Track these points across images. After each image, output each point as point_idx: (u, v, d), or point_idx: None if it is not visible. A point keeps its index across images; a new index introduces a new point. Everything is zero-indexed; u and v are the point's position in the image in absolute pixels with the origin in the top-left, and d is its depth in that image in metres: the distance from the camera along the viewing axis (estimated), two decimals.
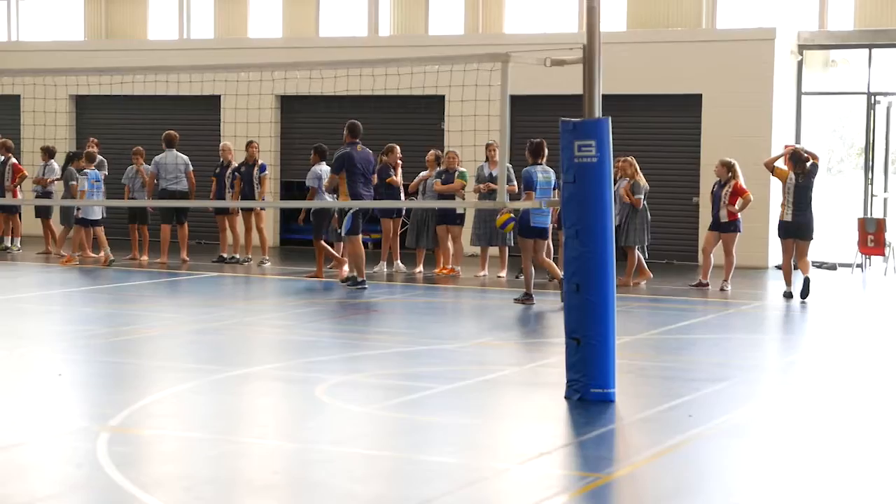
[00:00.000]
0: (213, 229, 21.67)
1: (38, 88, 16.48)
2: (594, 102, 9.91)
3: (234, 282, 18.19)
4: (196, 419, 9.37)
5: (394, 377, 11.03)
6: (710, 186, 18.17)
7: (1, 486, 7.33)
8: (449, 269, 19.02)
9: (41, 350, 12.21)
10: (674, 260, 20.89)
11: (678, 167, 21.18)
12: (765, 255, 20.95)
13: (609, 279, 9.84)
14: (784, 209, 16.86)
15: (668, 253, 20.83)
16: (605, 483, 7.62)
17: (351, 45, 23.24)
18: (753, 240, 20.30)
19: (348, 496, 7.31)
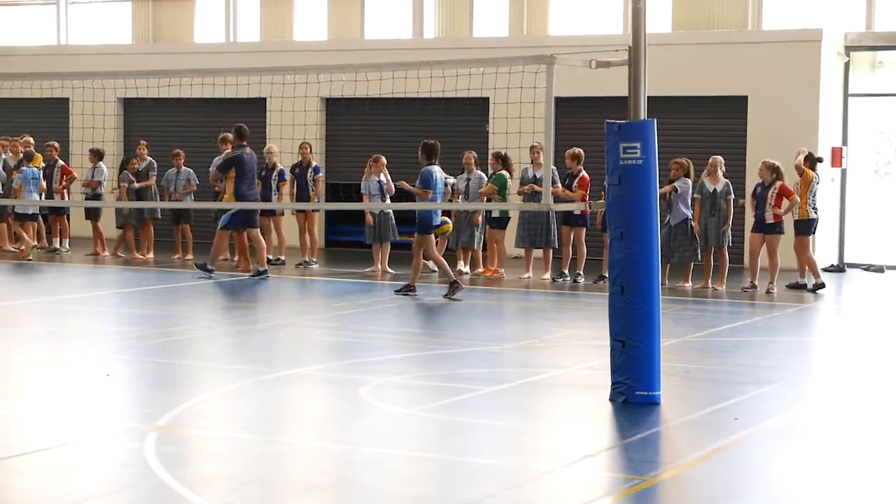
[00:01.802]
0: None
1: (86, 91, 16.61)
2: (639, 104, 9.89)
3: (279, 283, 18.26)
4: (242, 420, 9.43)
5: (438, 379, 11.04)
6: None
7: (50, 485, 7.40)
8: (493, 271, 19.03)
9: (89, 350, 12.31)
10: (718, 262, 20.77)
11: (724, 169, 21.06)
12: None
13: (654, 281, 9.81)
14: (809, 208, 17.72)
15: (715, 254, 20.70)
16: (651, 486, 7.60)
17: (395, 47, 23.28)
18: None
19: (392, 497, 7.33)
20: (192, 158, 21.75)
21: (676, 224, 17.56)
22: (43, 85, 18.03)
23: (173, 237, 21.38)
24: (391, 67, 14.82)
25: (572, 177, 18.51)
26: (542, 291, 17.72)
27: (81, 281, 18.89)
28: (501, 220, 19.00)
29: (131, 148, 24.50)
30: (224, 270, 19.42)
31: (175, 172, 21.06)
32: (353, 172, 22.93)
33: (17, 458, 7.97)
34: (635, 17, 9.95)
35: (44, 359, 11.78)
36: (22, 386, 10.54)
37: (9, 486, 7.40)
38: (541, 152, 18.22)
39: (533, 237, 18.82)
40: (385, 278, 18.84)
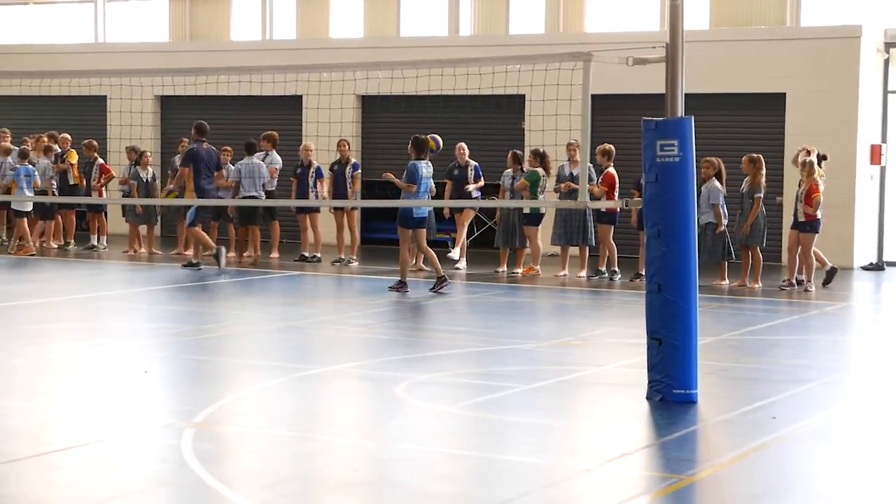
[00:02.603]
0: (295, 228, 21.85)
1: (123, 89, 16.70)
2: (677, 101, 9.85)
3: (316, 280, 18.30)
4: (278, 417, 9.45)
5: (474, 376, 11.04)
6: (794, 186, 18.05)
7: (88, 481, 7.44)
8: (528, 269, 19.01)
9: (127, 347, 12.37)
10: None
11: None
12: (850, 256, 20.69)
13: (691, 279, 9.77)
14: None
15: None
16: (688, 485, 7.56)
17: (431, 44, 23.28)
18: (839, 240, 20.05)
19: (428, 495, 7.32)
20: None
21: (706, 223, 17.43)
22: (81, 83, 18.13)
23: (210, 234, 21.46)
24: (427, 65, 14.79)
25: (599, 172, 18.46)
26: (578, 289, 17.68)
27: (119, 277, 18.99)
28: (534, 216, 18.97)
29: (169, 146, 24.63)
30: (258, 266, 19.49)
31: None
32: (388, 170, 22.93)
33: (56, 453, 8.02)
34: (673, 14, 9.91)
35: (82, 355, 11.85)
36: (60, 382, 10.61)
37: (47, 481, 7.45)
38: (577, 150, 18.20)
39: (569, 235, 18.78)
40: (420, 276, 18.84)
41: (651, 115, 10.15)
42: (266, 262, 20.28)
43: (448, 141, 20.36)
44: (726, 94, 21.40)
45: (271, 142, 20.89)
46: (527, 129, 21.47)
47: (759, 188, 17.64)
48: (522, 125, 22.01)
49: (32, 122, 25.36)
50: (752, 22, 22.55)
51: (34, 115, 26.15)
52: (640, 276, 17.78)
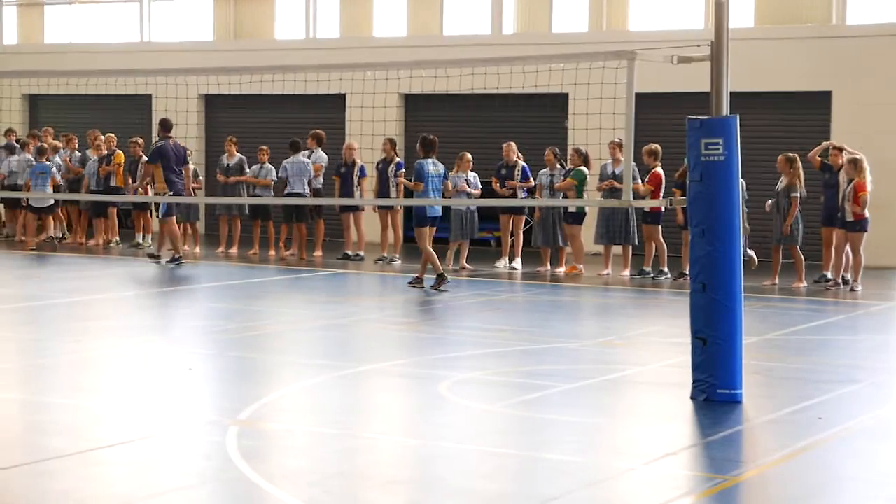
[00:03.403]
0: (339, 227, 21.92)
1: (169, 88, 16.80)
2: (722, 100, 9.80)
3: (359, 279, 18.33)
4: (322, 414, 9.48)
5: (517, 375, 11.03)
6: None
7: (133, 477, 7.49)
8: (571, 268, 18.98)
9: (172, 344, 12.45)
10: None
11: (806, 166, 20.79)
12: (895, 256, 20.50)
13: (737, 278, 9.72)
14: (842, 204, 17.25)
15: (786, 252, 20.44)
16: (733, 485, 7.52)
17: (475, 43, 23.27)
18: (884, 240, 19.87)
19: (472, 493, 7.32)
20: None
21: None
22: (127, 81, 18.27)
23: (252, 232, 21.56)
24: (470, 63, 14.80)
25: (647, 172, 18.40)
26: (621, 288, 17.63)
27: (163, 275, 19.10)
28: (577, 214, 18.94)
29: (213, 144, 24.76)
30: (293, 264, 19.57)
31: (259, 167, 21.25)
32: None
33: (101, 450, 8.08)
34: (718, 12, 9.86)
35: (126, 352, 11.93)
36: (105, 379, 10.69)
37: (93, 477, 7.50)
38: (617, 148, 18.14)
39: (612, 234, 18.74)
40: (462, 274, 18.85)
41: (695, 113, 10.10)
42: (310, 261, 20.36)
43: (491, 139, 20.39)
44: (771, 93, 21.27)
45: (317, 140, 20.98)
46: (570, 128, 21.42)
47: (796, 187, 17.53)
48: (565, 124, 21.97)
49: (78, 122, 25.57)
50: (797, 20, 22.39)
51: (80, 114, 26.36)
52: (684, 276, 17.71)
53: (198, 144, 24.34)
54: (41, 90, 25.34)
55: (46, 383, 10.50)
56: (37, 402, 9.69)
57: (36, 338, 12.76)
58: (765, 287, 17.38)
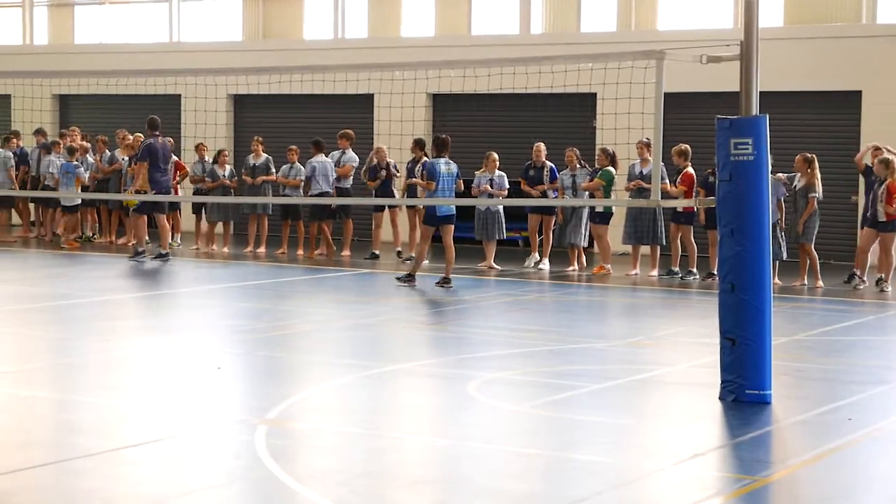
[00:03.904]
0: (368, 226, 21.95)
1: (198, 88, 16.85)
2: (751, 99, 9.76)
3: (387, 278, 18.33)
4: (350, 414, 9.50)
5: (544, 375, 11.01)
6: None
7: (161, 476, 7.52)
8: (599, 268, 18.94)
9: (200, 343, 12.49)
10: (831, 259, 20.42)
11: (836, 165, 20.69)
12: None
13: (765, 278, 9.68)
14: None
15: (827, 252, 20.36)
16: (762, 486, 7.49)
17: (503, 42, 23.25)
18: None
19: (500, 493, 7.32)
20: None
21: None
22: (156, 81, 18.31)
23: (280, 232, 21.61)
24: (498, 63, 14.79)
25: (677, 173, 18.34)
26: (649, 288, 17.59)
27: (192, 275, 19.17)
28: (605, 214, 18.91)
29: (242, 144, 24.82)
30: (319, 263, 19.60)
31: (289, 168, 21.29)
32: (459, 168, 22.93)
33: (129, 449, 8.11)
34: (748, 11, 9.82)
35: (155, 351, 11.97)
36: (133, 378, 10.73)
37: (121, 476, 7.53)
38: (645, 148, 18.09)
39: (640, 234, 18.69)
40: (491, 274, 18.84)
41: (725, 113, 10.07)
42: (338, 260, 20.39)
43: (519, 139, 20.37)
44: (801, 92, 21.17)
45: (348, 140, 21.00)
46: (598, 128, 21.38)
47: (814, 187, 17.46)
48: (594, 123, 21.92)
49: (107, 121, 25.68)
50: (827, 19, 22.29)
51: (109, 114, 26.46)
52: (712, 276, 17.66)
53: (226, 144, 24.39)
54: (71, 90, 25.46)
55: (75, 382, 10.55)
56: (65, 401, 9.74)
57: (65, 336, 12.82)
58: (794, 287, 17.30)
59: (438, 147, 17.25)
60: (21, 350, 12.19)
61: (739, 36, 9.86)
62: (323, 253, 20.76)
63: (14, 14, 29.73)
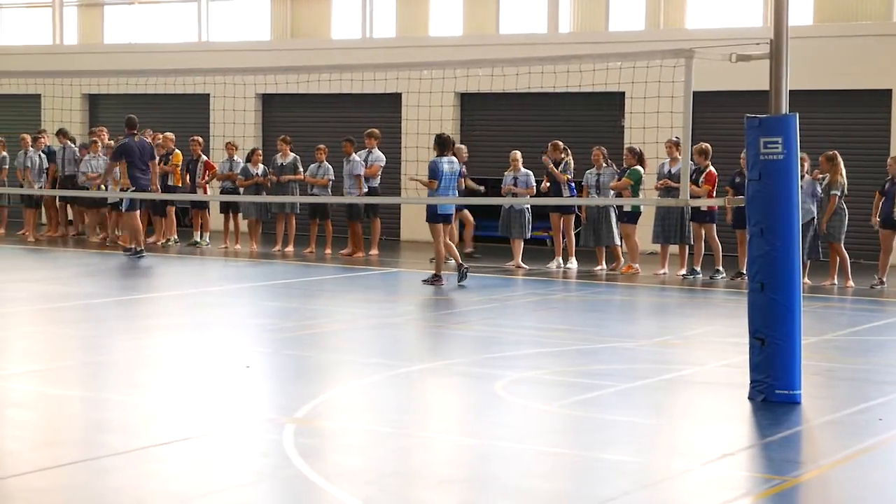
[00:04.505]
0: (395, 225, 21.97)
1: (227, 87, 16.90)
2: (781, 98, 9.71)
3: (415, 277, 18.32)
4: (378, 413, 9.50)
5: (573, 374, 10.99)
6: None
7: (190, 475, 7.54)
8: (628, 267, 18.90)
9: (229, 342, 12.52)
10: (861, 259, 20.31)
11: (866, 165, 20.59)
12: None
13: (795, 278, 9.64)
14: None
15: (857, 252, 20.25)
16: (792, 486, 7.46)
17: (531, 42, 23.22)
18: None
19: (528, 493, 7.31)
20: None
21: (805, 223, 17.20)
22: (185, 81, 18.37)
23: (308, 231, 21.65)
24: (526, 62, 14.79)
25: (699, 172, 18.27)
26: (677, 288, 17.54)
27: (221, 273, 19.23)
28: (633, 214, 18.86)
29: (270, 143, 24.87)
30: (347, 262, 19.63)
31: (317, 167, 21.33)
32: (487, 167, 22.95)
33: (159, 447, 8.14)
34: (777, 10, 9.77)
35: (184, 350, 12.01)
36: (162, 377, 10.76)
37: (150, 474, 7.55)
38: (674, 147, 18.04)
39: (667, 233, 18.64)
40: (518, 273, 18.83)
41: (754, 111, 10.02)
42: (366, 259, 20.41)
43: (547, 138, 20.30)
44: (830, 91, 21.07)
45: (375, 139, 21.02)
46: (626, 127, 21.34)
47: (837, 185, 17.38)
48: (622, 122, 21.88)
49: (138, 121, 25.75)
50: (857, 17, 22.17)
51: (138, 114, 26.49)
52: (741, 275, 17.62)
53: (255, 144, 24.45)
54: (101, 90, 25.59)
55: (104, 380, 10.60)
56: (95, 399, 9.78)
57: (94, 335, 12.88)
58: (823, 287, 17.22)
59: (441, 146, 17.21)
60: (51, 348, 12.26)
61: (769, 34, 9.82)
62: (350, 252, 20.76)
63: (44, 14, 29.88)
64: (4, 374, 10.66)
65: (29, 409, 9.40)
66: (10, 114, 27.99)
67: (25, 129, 25.29)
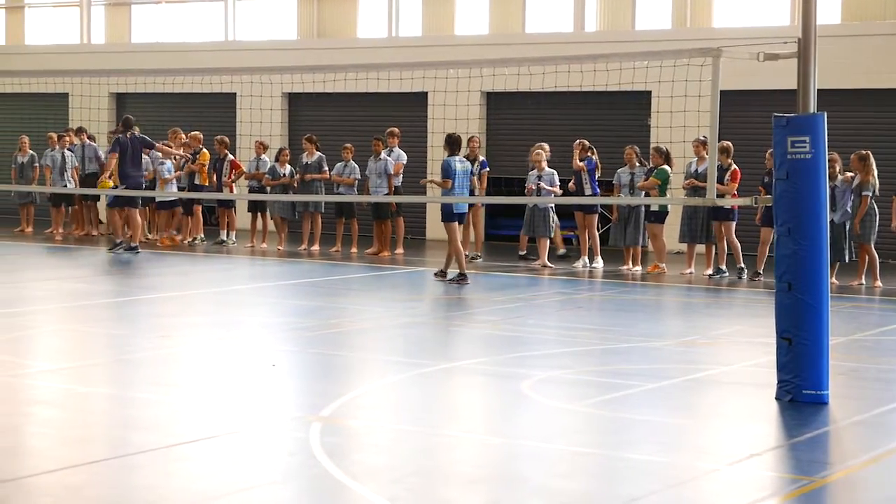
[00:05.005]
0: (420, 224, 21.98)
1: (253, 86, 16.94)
2: (809, 97, 9.67)
3: None
4: (404, 411, 9.51)
5: (599, 374, 10.97)
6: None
7: (216, 473, 7.56)
8: (654, 267, 18.86)
9: (255, 341, 12.55)
10: (890, 259, 20.22)
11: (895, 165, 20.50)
12: None
13: (823, 278, 9.59)
14: None
15: (886, 252, 20.15)
16: (819, 487, 7.42)
17: (557, 40, 23.19)
18: None
19: (553, 492, 7.29)
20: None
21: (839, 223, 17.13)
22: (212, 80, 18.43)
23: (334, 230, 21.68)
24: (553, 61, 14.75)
25: (723, 170, 18.21)
26: (703, 287, 17.48)
27: (247, 272, 19.28)
28: (660, 213, 18.81)
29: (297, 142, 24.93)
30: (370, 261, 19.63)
31: (343, 165, 21.35)
32: (513, 166, 22.94)
33: (185, 445, 8.16)
34: (805, 8, 9.73)
35: (210, 348, 12.05)
36: (189, 375, 10.80)
37: (176, 472, 7.57)
38: (701, 147, 17.98)
39: (694, 233, 18.58)
40: (544, 272, 18.81)
41: (782, 111, 9.98)
42: (392, 258, 20.43)
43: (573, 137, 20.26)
44: (858, 90, 20.96)
45: (396, 137, 21.03)
46: (653, 126, 21.28)
47: (868, 186, 17.30)
48: (648, 122, 21.82)
49: (164, 120, 25.87)
50: (885, 15, 22.05)
51: (166, 113, 26.67)
52: (758, 275, 17.68)
53: (281, 143, 24.50)
54: (128, 88, 25.72)
55: (132, 378, 10.63)
56: (122, 397, 9.82)
57: (122, 333, 12.93)
58: (851, 287, 17.15)
59: (452, 145, 17.18)
60: (78, 346, 12.31)
61: (796, 33, 9.78)
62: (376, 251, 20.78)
63: (72, 13, 30.03)
64: (32, 372, 10.72)
65: (56, 407, 9.44)
66: (39, 112, 28.13)
67: (53, 128, 25.44)
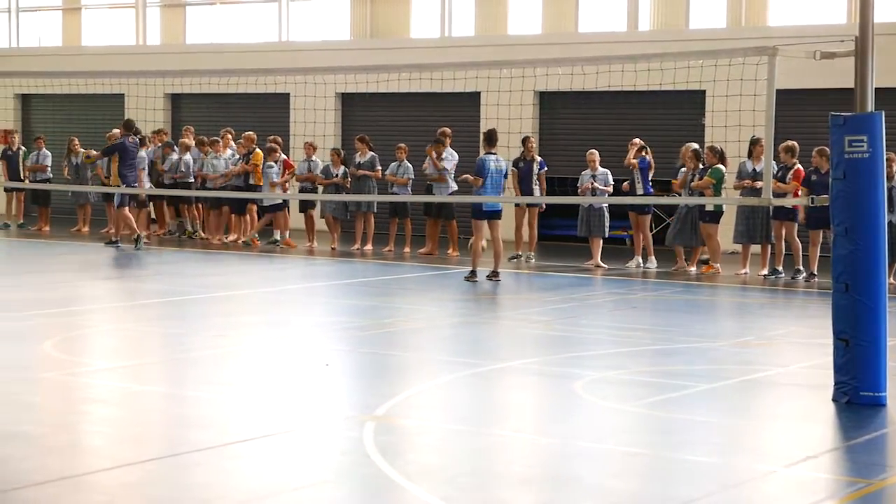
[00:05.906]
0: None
1: (307, 87, 16.99)
2: (866, 96, 9.57)
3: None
4: (457, 411, 9.50)
5: (653, 374, 10.92)
6: None
7: (270, 471, 7.59)
8: (709, 267, 18.74)
9: (309, 340, 12.60)
10: None
11: None
12: None
13: (881, 278, 9.49)
14: None
15: None
16: (877, 490, 7.34)
17: (610, 40, 23.09)
18: None
19: (606, 492, 7.27)
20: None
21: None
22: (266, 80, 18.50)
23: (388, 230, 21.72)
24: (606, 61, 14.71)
25: (786, 169, 18.06)
26: (758, 287, 17.35)
27: (300, 272, 19.35)
28: (715, 213, 18.68)
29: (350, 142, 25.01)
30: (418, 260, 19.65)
31: (397, 165, 21.37)
32: (567, 166, 22.87)
33: (239, 444, 8.20)
34: (863, 6, 9.63)
35: (265, 347, 12.10)
36: (244, 374, 10.85)
37: (230, 471, 7.62)
38: (759, 146, 17.85)
39: (751, 233, 18.44)
40: (597, 273, 18.74)
41: (838, 110, 9.89)
42: (444, 258, 20.43)
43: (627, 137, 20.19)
44: None
45: (447, 138, 20.97)
46: (707, 125, 21.15)
47: None
48: (702, 121, 21.69)
49: (218, 120, 26.03)
50: None
51: (220, 113, 26.83)
52: (813, 276, 17.53)
53: (335, 143, 24.58)
54: (183, 89, 25.89)
55: (186, 377, 10.71)
56: (178, 396, 9.89)
57: (177, 332, 13.02)
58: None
59: (489, 140, 17.14)
60: (135, 345, 12.42)
61: (853, 31, 9.68)
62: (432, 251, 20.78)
63: (128, 15, 30.28)
64: (89, 371, 10.82)
65: (112, 406, 9.52)
66: (95, 113, 28.40)
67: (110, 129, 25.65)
